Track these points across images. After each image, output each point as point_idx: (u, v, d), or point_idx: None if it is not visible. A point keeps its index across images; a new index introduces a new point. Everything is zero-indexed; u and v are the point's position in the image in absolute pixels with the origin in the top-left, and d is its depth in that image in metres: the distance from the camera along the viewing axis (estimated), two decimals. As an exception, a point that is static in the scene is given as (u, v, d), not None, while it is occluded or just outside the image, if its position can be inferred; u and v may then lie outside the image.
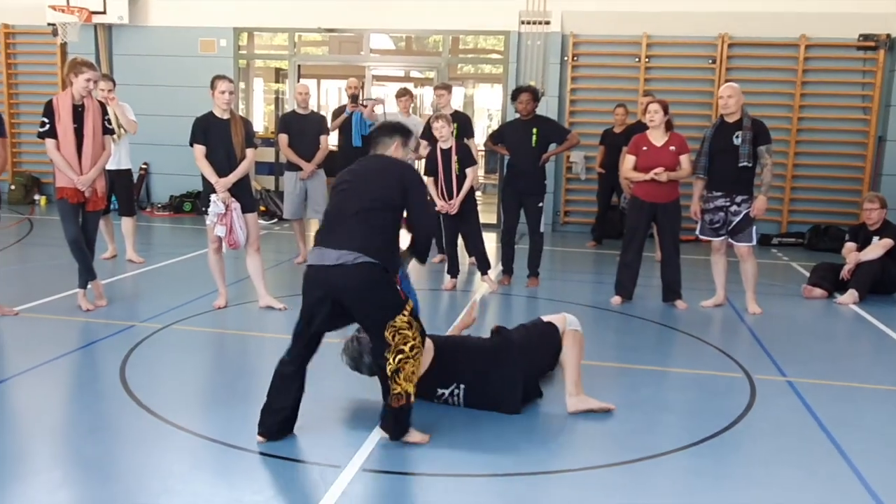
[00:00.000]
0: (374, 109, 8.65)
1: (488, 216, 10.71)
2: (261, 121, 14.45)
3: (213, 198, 5.82)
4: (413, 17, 10.92)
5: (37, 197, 11.89)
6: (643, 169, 6.47)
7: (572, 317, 4.34)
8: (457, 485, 3.36)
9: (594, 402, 4.15)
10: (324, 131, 8.08)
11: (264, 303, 6.14)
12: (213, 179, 5.78)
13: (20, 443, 3.68)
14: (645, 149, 6.50)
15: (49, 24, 11.09)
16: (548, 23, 10.39)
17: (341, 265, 3.49)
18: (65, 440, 3.77)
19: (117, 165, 7.26)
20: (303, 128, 7.96)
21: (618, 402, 4.26)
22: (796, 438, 3.96)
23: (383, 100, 9.22)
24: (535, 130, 7.03)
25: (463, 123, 7.83)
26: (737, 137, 6.19)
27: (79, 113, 5.62)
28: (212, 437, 3.72)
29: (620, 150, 8.03)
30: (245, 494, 3.20)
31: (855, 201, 9.85)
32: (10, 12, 11.77)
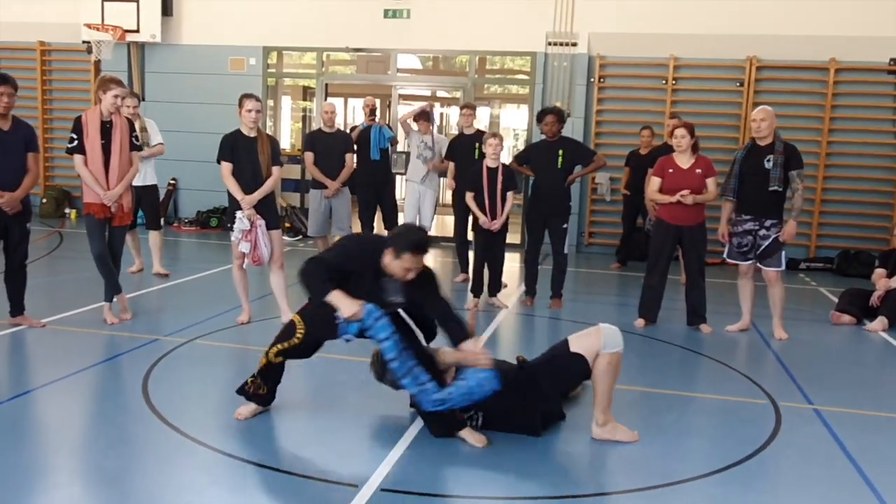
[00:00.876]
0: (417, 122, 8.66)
1: (512, 236, 10.55)
2: (288, 138, 14.59)
3: (238, 214, 5.88)
4: (441, 37, 11.00)
5: (67, 210, 12.09)
6: (669, 191, 6.41)
7: (610, 329, 4.00)
8: (475, 507, 3.33)
9: (621, 433, 4.06)
10: (349, 149, 8.14)
11: (287, 319, 6.13)
12: (239, 196, 5.84)
13: (42, 455, 3.71)
14: (671, 171, 6.45)
15: (84, 42, 11.36)
16: (575, 44, 10.40)
17: None
18: (86, 453, 3.79)
19: (143, 181, 7.36)
20: (328, 146, 8.02)
21: (640, 426, 4.21)
22: (822, 468, 3.88)
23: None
24: (560, 152, 7.01)
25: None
26: (768, 161, 6.13)
27: (107, 129, 5.70)
28: (231, 453, 3.73)
29: (646, 171, 7.98)
30: (262, 512, 3.20)
31: (885, 226, 9.71)
32: (46, 30, 12.03)
